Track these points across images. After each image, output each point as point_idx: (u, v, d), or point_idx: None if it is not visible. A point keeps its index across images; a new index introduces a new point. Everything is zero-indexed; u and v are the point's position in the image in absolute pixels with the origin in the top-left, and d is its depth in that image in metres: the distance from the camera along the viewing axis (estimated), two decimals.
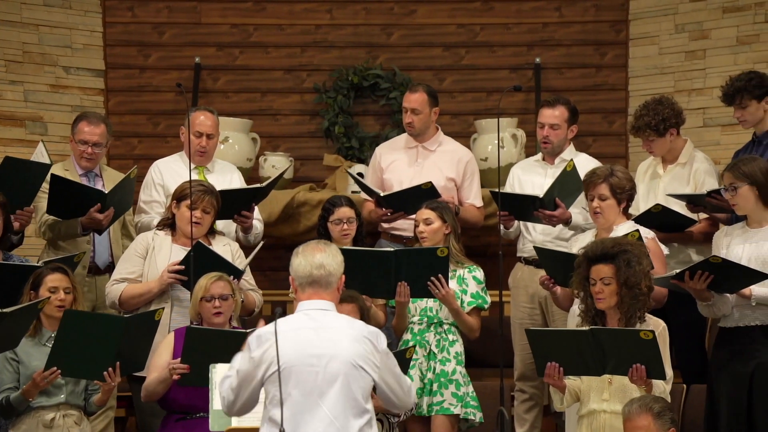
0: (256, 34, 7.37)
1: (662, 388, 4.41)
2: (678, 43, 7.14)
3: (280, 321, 3.73)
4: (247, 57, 7.36)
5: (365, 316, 4.87)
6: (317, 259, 3.75)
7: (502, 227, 5.74)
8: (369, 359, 3.70)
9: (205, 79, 7.32)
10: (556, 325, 5.51)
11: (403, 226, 5.91)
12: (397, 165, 6.04)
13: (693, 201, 5.43)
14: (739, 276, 4.62)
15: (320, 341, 3.67)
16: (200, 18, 7.35)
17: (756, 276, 4.59)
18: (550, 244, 5.56)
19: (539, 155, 5.99)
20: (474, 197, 6.07)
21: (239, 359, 3.79)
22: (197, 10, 7.34)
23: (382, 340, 3.78)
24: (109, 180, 5.83)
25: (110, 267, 5.76)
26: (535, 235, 5.79)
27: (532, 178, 5.85)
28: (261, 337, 3.72)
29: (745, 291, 4.68)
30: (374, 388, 3.77)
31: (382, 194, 5.78)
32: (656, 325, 4.51)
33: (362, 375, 3.68)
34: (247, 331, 4.79)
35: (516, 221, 5.79)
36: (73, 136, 5.82)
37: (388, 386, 3.76)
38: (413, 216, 5.67)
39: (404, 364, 4.90)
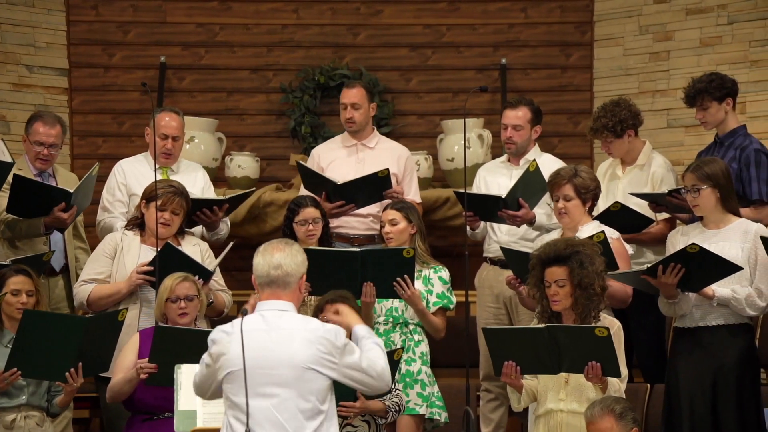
0: (221, 33, 7.34)
1: (617, 386, 4.44)
2: (642, 44, 7.19)
3: (238, 321, 3.71)
4: (212, 56, 7.33)
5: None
6: (275, 258, 3.72)
7: (468, 228, 5.75)
8: (324, 360, 3.66)
9: (170, 79, 7.28)
10: (522, 325, 5.54)
11: (351, 224, 5.90)
12: (338, 163, 6.03)
13: (655, 200, 5.47)
14: (710, 270, 4.64)
15: (272, 343, 3.65)
16: (165, 17, 7.32)
17: (728, 269, 4.62)
18: (516, 244, 5.58)
19: (504, 156, 6.02)
20: (413, 194, 6.08)
21: (204, 356, 3.80)
22: (162, 9, 7.30)
23: (340, 335, 3.72)
24: (62, 180, 5.78)
25: (65, 268, 5.72)
26: (501, 235, 5.81)
27: (497, 180, 5.87)
28: (215, 337, 3.73)
29: (708, 291, 4.72)
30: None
31: (339, 182, 5.76)
32: (611, 325, 4.54)
33: (315, 377, 3.65)
34: (210, 330, 4.77)
35: (482, 222, 5.81)
36: (28, 136, 5.75)
37: (354, 379, 3.73)
38: (362, 210, 5.67)
39: (392, 366, 4.86)
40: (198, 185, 5.85)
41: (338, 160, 6.07)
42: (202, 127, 6.90)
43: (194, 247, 5.43)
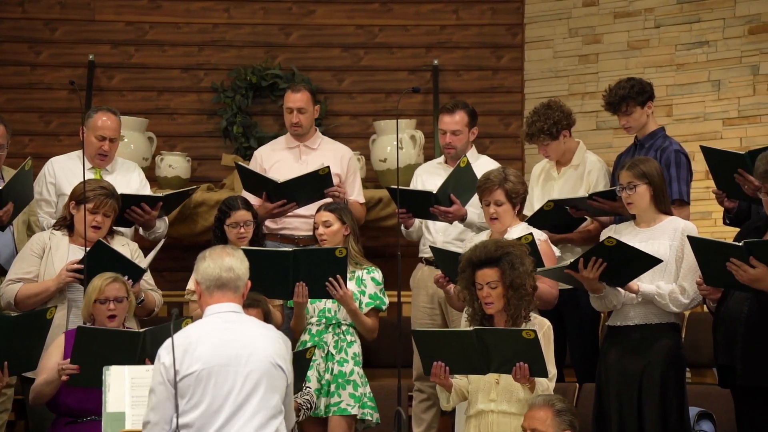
0: (152, 32, 7.27)
1: (545, 385, 4.48)
2: (571, 47, 7.28)
3: (192, 326, 3.70)
4: (142, 55, 7.26)
5: (269, 320, 4.84)
6: (226, 262, 3.73)
7: (402, 228, 5.76)
8: (284, 359, 3.70)
9: (99, 77, 7.20)
10: (455, 326, 5.56)
11: (294, 224, 5.88)
12: (281, 164, 6.01)
13: (576, 206, 5.52)
14: (631, 262, 4.70)
15: (237, 342, 3.65)
16: (94, 15, 7.23)
17: (648, 261, 4.68)
18: (450, 245, 5.60)
19: (442, 158, 6.04)
20: (357, 194, 6.08)
21: (152, 375, 3.71)
22: (91, 7, 7.21)
23: (290, 344, 3.80)
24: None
25: None
26: (436, 236, 5.83)
27: (434, 180, 5.88)
28: (170, 344, 3.67)
29: (633, 286, 4.78)
30: None
31: (279, 181, 5.73)
32: (541, 325, 4.58)
33: (280, 374, 3.68)
34: (140, 330, 4.73)
35: (416, 221, 5.82)
36: None
37: (290, 393, 3.76)
38: (303, 211, 5.66)
39: (304, 364, 4.88)
40: (133, 185, 5.78)
41: (281, 161, 6.05)
42: (132, 126, 6.82)
43: (123, 247, 5.37)
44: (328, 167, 5.71)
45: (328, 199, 5.72)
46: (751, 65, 6.80)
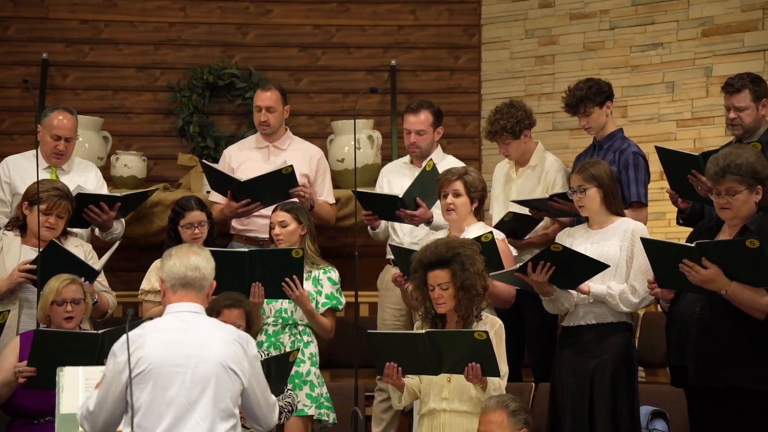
0: (107, 30, 7.21)
1: (497, 384, 4.51)
2: (528, 48, 7.32)
3: (147, 324, 3.68)
4: (97, 54, 7.20)
5: (251, 320, 4.83)
6: (192, 261, 3.72)
7: (369, 228, 5.75)
8: (240, 362, 3.67)
9: (53, 76, 7.13)
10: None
11: (258, 225, 5.86)
12: (249, 164, 5.99)
13: (536, 206, 5.56)
14: (579, 266, 4.73)
15: (189, 342, 3.63)
16: (48, 13, 7.15)
17: (595, 266, 4.72)
18: (416, 245, 5.59)
19: (407, 157, 6.04)
20: (327, 194, 6.08)
21: (104, 369, 3.70)
22: (44, 5, 7.14)
23: (252, 345, 3.76)
24: None
25: None
26: (403, 237, 5.84)
27: (400, 181, 5.89)
28: (125, 341, 3.64)
29: (584, 287, 4.82)
30: None
31: (242, 180, 5.71)
32: (492, 324, 4.61)
33: (232, 378, 3.65)
34: (99, 332, 4.69)
35: (383, 222, 5.82)
36: None
37: (254, 395, 3.73)
38: (269, 212, 5.65)
39: (287, 367, 4.84)
40: (90, 185, 5.74)
41: (250, 161, 6.03)
42: (87, 125, 6.77)
43: (77, 248, 5.33)
44: (291, 166, 5.69)
45: (295, 200, 5.72)
46: (705, 67, 6.88)
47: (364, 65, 7.39)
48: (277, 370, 4.63)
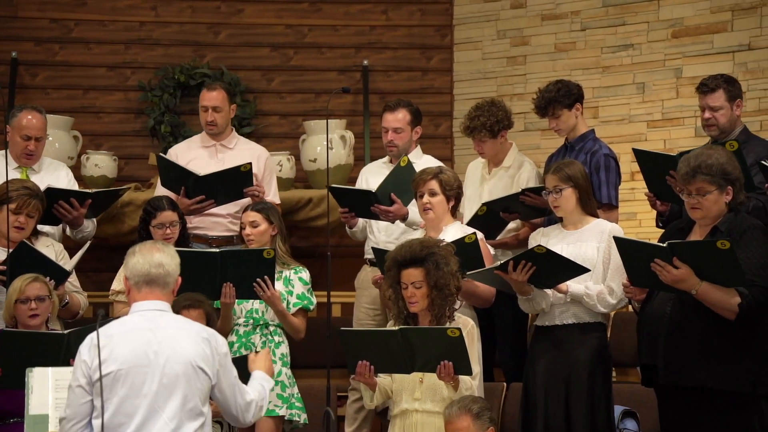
0: (77, 29, 7.17)
1: (469, 384, 4.51)
2: (500, 48, 7.34)
3: (113, 324, 3.65)
4: (67, 53, 7.16)
5: (211, 321, 4.80)
6: (156, 258, 3.69)
7: (348, 228, 5.74)
8: (209, 360, 3.65)
9: (22, 75, 7.08)
10: None
11: (208, 224, 5.83)
12: (197, 163, 5.96)
13: (507, 207, 5.56)
14: (559, 268, 4.75)
15: (157, 341, 3.61)
16: (17, 12, 7.11)
17: (576, 269, 4.74)
18: (392, 244, 5.58)
19: (387, 158, 6.04)
20: (273, 194, 6.06)
21: (72, 372, 3.67)
22: (13, 4, 7.10)
23: (221, 342, 3.74)
24: None
25: None
26: (379, 236, 5.84)
27: (379, 180, 5.88)
28: (93, 340, 3.62)
29: (562, 287, 4.83)
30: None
31: (201, 174, 5.68)
32: (465, 324, 4.62)
33: (201, 376, 3.63)
34: (64, 332, 4.66)
35: (360, 221, 5.82)
36: None
37: (225, 392, 3.72)
38: (217, 210, 5.62)
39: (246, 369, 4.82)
40: (61, 184, 5.70)
41: (197, 159, 5.99)
42: (57, 125, 6.72)
43: (48, 248, 5.30)
44: (250, 164, 5.68)
45: (247, 200, 5.69)
46: (675, 68, 6.92)
47: (337, 65, 7.39)
48: (240, 371, 4.60)
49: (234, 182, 5.64)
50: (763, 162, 4.93)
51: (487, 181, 5.83)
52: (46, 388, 4.16)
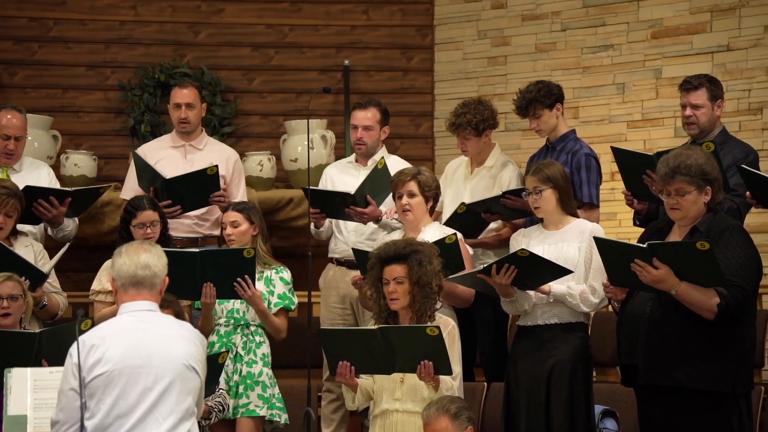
0: (56, 28, 7.14)
1: (449, 384, 4.52)
2: (481, 48, 7.36)
3: (105, 325, 3.65)
4: (46, 52, 7.13)
5: (181, 320, 4.78)
6: (143, 259, 3.68)
7: (312, 227, 5.74)
8: (200, 360, 3.66)
9: (1, 74, 7.06)
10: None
11: (173, 225, 5.81)
12: (166, 162, 5.95)
13: (489, 208, 5.57)
14: (543, 271, 4.76)
15: (151, 341, 3.60)
16: None
17: (559, 271, 4.75)
18: (362, 244, 5.60)
19: (352, 156, 6.04)
20: (241, 196, 6.05)
21: (63, 374, 3.64)
22: None
23: (205, 343, 3.76)
24: None
25: None
26: (348, 235, 5.83)
27: (345, 179, 5.89)
28: (85, 342, 3.60)
29: (545, 287, 4.84)
30: None
31: (167, 177, 5.66)
32: (446, 324, 4.62)
33: (193, 376, 3.63)
34: (36, 331, 4.65)
35: (327, 221, 5.81)
36: None
37: (201, 394, 3.72)
38: (190, 213, 5.61)
39: (216, 369, 4.83)
40: (42, 183, 5.67)
41: (166, 159, 5.99)
42: (36, 124, 6.69)
43: (27, 248, 5.27)
44: (216, 167, 5.67)
45: (246, 200, 5.69)
46: (654, 69, 6.96)
47: (317, 65, 7.38)
48: (207, 371, 4.60)
49: (200, 185, 5.63)
50: (743, 166, 4.97)
51: (469, 180, 5.83)
52: (25, 389, 4.14)
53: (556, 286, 4.83)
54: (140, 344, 3.59)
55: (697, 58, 6.82)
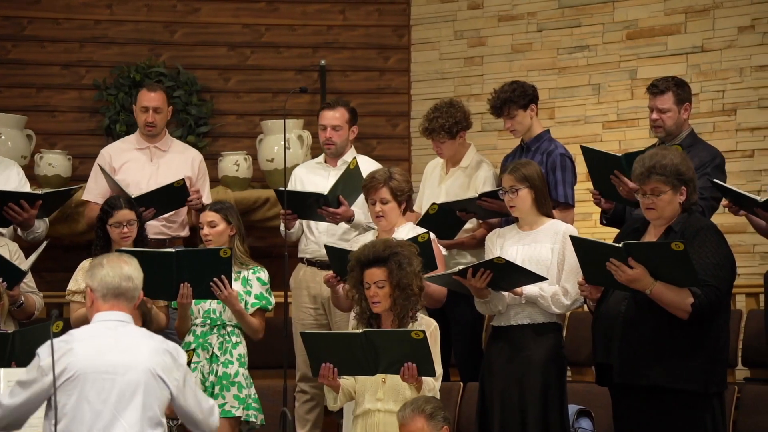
0: (30, 27, 7.09)
1: (432, 385, 4.52)
2: (457, 49, 7.37)
3: (76, 331, 3.65)
4: (21, 51, 7.08)
5: (147, 321, 4.77)
6: (125, 271, 3.72)
7: (282, 228, 5.73)
8: (169, 371, 3.66)
9: None
10: (338, 327, 5.57)
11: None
12: (131, 165, 5.95)
13: (464, 208, 5.58)
14: (517, 276, 4.80)
15: (119, 350, 3.62)
16: None
17: (534, 278, 4.78)
18: (334, 245, 5.60)
19: (321, 157, 6.04)
20: (206, 197, 6.04)
21: (26, 370, 3.64)
22: None
23: (182, 355, 3.76)
24: None
25: None
26: (319, 235, 5.82)
27: (314, 179, 5.89)
28: (56, 344, 3.59)
29: (517, 289, 4.87)
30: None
31: (134, 196, 5.64)
32: (428, 325, 4.63)
33: (161, 386, 3.64)
34: (9, 332, 4.62)
35: (297, 222, 5.81)
36: None
37: (188, 403, 3.72)
38: (164, 215, 5.59)
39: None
40: (12, 183, 5.64)
41: (132, 161, 5.98)
42: (9, 123, 6.66)
43: (2, 248, 5.25)
44: (183, 180, 5.68)
45: (224, 200, 5.68)
46: (630, 69, 6.99)
47: (294, 65, 7.37)
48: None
49: (170, 197, 5.64)
50: (715, 180, 5.03)
51: (444, 180, 5.84)
52: None
53: (529, 287, 4.85)
54: (108, 351, 3.60)
55: (672, 59, 6.86)
